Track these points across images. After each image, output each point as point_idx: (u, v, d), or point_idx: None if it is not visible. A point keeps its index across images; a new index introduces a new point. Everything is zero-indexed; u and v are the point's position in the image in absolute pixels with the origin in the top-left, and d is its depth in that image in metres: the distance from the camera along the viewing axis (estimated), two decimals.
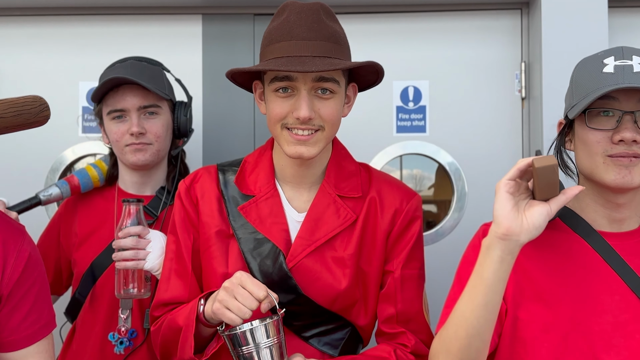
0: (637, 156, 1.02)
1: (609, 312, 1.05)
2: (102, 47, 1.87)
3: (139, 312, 1.44)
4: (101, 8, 1.89)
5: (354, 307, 1.23)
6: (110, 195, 1.54)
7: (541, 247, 1.09)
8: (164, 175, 1.55)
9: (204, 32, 1.91)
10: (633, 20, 1.83)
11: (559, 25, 1.74)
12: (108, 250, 1.47)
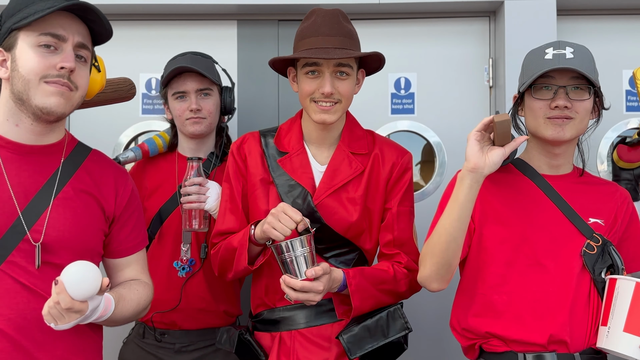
0: (568, 117, 1.28)
1: (547, 229, 1.30)
2: (158, 46, 2.04)
3: (197, 245, 1.67)
4: (156, 15, 2.07)
5: (362, 235, 1.48)
6: (171, 158, 1.77)
7: (500, 184, 1.35)
8: (213, 143, 1.77)
9: (239, 34, 2.08)
10: (576, 24, 2.02)
11: (518, 29, 1.92)
12: (171, 199, 1.69)
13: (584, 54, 1.31)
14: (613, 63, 2.02)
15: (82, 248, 1.16)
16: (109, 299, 1.11)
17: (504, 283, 1.28)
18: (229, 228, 1.48)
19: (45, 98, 1.10)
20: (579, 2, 1.99)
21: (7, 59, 1.13)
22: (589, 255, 1.27)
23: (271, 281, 1.46)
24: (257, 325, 1.51)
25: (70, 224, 1.16)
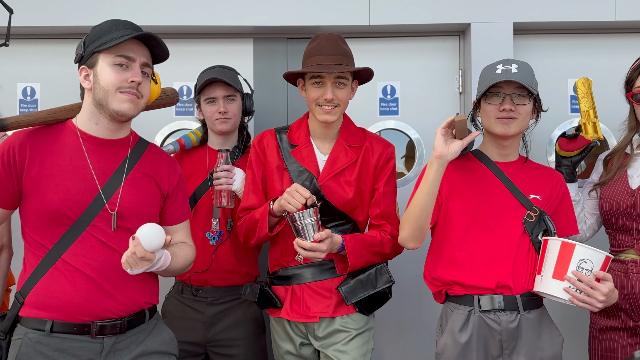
0: (512, 118, 1.53)
1: (497, 202, 1.55)
2: (189, 60, 2.23)
3: (224, 220, 1.92)
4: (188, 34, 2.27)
5: (356, 209, 1.72)
6: (202, 151, 1.98)
7: (461, 168, 1.60)
8: (236, 138, 1.98)
9: (254, 50, 2.31)
10: (529, 42, 2.25)
11: (482, 46, 2.16)
12: (203, 183, 1.91)
13: (526, 69, 1.57)
14: (560, 73, 2.28)
15: (145, 216, 1.41)
16: (167, 254, 1.37)
17: (463, 243, 1.54)
18: (251, 204, 1.74)
19: (120, 104, 1.36)
20: (532, 24, 2.23)
21: (89, 74, 1.38)
22: (528, 222, 1.53)
23: (285, 246, 1.71)
24: (273, 281, 1.76)
25: (137, 198, 1.41)
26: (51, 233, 1.34)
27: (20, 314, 1.35)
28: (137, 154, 1.46)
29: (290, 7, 2.23)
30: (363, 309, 1.69)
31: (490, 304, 1.50)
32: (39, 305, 1.33)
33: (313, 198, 1.58)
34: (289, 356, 1.73)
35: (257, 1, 2.23)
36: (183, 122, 2.36)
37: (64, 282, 1.32)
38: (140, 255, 1.25)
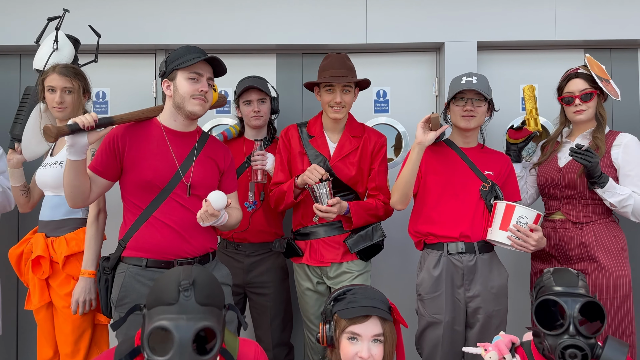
0: (472, 116, 1.89)
1: (461, 176, 1.90)
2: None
3: (258, 193, 2.27)
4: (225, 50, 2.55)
5: (357, 184, 2.07)
6: (240, 141, 2.29)
7: (436, 152, 1.96)
8: (265, 131, 2.30)
9: (277, 63, 2.64)
10: (490, 56, 2.60)
11: (453, 60, 2.49)
12: (242, 166, 2.21)
13: (483, 80, 1.94)
14: (512, 80, 2.62)
15: (210, 186, 1.78)
16: (226, 214, 1.74)
17: (436, 205, 1.92)
18: (280, 180, 2.10)
19: (193, 107, 1.72)
20: (492, 42, 2.58)
21: (170, 85, 1.74)
22: (483, 191, 1.91)
23: (305, 210, 2.07)
24: (296, 237, 2.13)
25: (203, 174, 1.78)
26: (145, 198, 1.71)
27: (123, 255, 1.71)
28: (202, 142, 1.82)
29: (305, 29, 2.58)
30: (363, 257, 2.06)
31: (455, 248, 1.87)
32: (137, 248, 1.70)
33: (326, 174, 1.94)
34: (309, 292, 2.11)
35: (278, 25, 2.58)
36: (221, 118, 2.70)
37: (154, 232, 1.69)
38: (210, 213, 1.62)
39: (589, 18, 2.58)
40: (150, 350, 1.08)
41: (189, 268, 1.20)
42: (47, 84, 1.98)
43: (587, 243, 1.88)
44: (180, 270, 1.19)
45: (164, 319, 1.10)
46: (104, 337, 2.01)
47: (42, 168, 2.03)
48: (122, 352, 1.18)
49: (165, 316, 1.10)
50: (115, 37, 2.56)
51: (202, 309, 1.14)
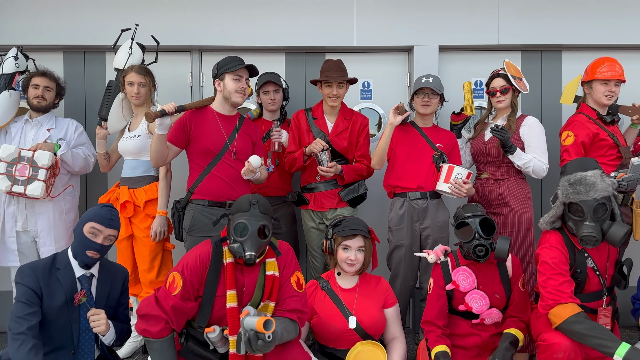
0: (428, 105, 2.78)
1: (420, 146, 2.78)
2: None
3: (274, 159, 3.12)
4: (245, 50, 3.42)
5: (348, 152, 2.94)
6: (260, 121, 3.10)
7: (402, 130, 2.84)
8: (279, 114, 3.18)
9: (286, 60, 3.47)
10: (447, 56, 3.45)
11: (420, 59, 3.33)
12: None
13: (437, 80, 2.81)
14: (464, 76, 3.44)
15: (247, 153, 2.64)
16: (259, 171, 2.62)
17: (402, 167, 2.81)
18: (292, 150, 2.96)
19: (237, 99, 2.57)
20: (449, 46, 3.44)
21: (220, 84, 2.59)
22: (435, 157, 2.79)
23: (310, 171, 2.94)
24: (303, 190, 3.01)
25: (242, 144, 2.64)
26: (205, 160, 2.57)
27: (191, 198, 2.59)
28: (240, 122, 2.69)
29: (307, 34, 3.42)
30: (351, 204, 2.96)
31: (414, 196, 2.78)
32: (201, 194, 2.57)
33: (326, 145, 2.82)
34: (312, 229, 3.00)
35: (287, 31, 3.41)
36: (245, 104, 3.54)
37: (212, 183, 2.57)
38: (250, 170, 2.50)
39: (524, 27, 3.45)
40: (235, 236, 1.98)
41: (256, 195, 2.08)
42: (127, 80, 2.82)
43: (503, 193, 2.79)
44: (250, 195, 2.07)
45: (242, 218, 1.99)
46: (169, 259, 2.90)
47: (123, 140, 2.88)
48: (215, 240, 2.07)
49: (243, 218, 1.99)
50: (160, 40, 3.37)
51: (262, 215, 2.03)
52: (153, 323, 1.91)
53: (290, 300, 2.05)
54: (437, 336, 2.23)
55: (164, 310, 1.93)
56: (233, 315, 1.92)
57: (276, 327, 1.84)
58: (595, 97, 2.81)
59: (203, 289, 2.00)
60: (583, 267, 2.12)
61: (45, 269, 2.01)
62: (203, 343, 2.02)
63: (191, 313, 2.00)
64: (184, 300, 1.96)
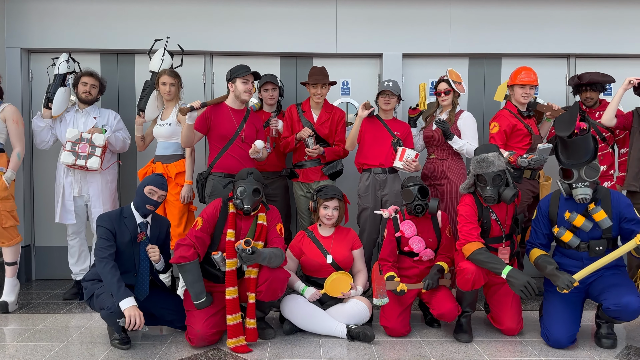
0: (389, 103, 3.73)
1: (382, 134, 3.74)
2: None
3: (271, 142, 4.06)
4: (245, 54, 4.41)
5: (329, 138, 3.87)
6: (261, 113, 4.09)
7: (369, 121, 3.78)
8: (276, 107, 4.13)
9: (280, 63, 4.41)
10: (409, 61, 4.43)
11: (388, 64, 4.30)
12: None
13: (396, 84, 3.75)
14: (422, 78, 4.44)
15: (253, 138, 3.56)
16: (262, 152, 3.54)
17: (369, 149, 3.76)
18: (286, 136, 3.90)
19: (245, 96, 3.49)
20: (410, 53, 4.39)
21: (232, 86, 3.50)
22: (393, 142, 3.75)
23: (300, 152, 3.88)
24: (294, 167, 3.96)
25: (249, 131, 3.56)
26: (221, 143, 3.50)
27: (212, 171, 3.51)
28: (247, 114, 3.60)
29: (297, 42, 4.34)
30: (331, 177, 3.91)
31: (377, 171, 3.73)
32: (219, 168, 3.50)
33: (312, 132, 3.76)
34: (301, 197, 3.94)
35: (281, 39, 4.33)
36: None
37: (226, 160, 3.49)
38: (255, 150, 3.42)
39: (471, 38, 4.39)
40: (237, 195, 2.92)
41: (252, 168, 3.02)
42: (161, 81, 3.72)
43: (445, 169, 3.75)
44: (248, 168, 3.01)
45: (242, 183, 2.95)
46: (192, 217, 3.83)
47: (157, 127, 3.79)
48: (224, 197, 3.00)
49: (243, 183, 2.95)
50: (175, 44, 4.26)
51: (255, 182, 2.98)
52: (185, 250, 2.84)
53: (275, 239, 3.01)
54: (389, 267, 3.19)
55: (191, 240, 2.86)
56: (230, 246, 2.86)
57: (265, 251, 2.78)
58: (516, 97, 3.77)
59: (214, 229, 2.94)
60: (488, 219, 3.08)
61: (116, 217, 2.93)
62: (212, 265, 2.96)
63: (207, 242, 2.93)
64: (202, 232, 2.89)
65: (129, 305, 2.68)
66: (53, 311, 3.60)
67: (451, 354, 2.79)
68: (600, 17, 4.43)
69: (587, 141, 2.74)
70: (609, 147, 3.92)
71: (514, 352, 2.81)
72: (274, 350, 2.85)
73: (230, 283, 2.83)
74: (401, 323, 3.04)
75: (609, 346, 2.87)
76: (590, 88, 3.88)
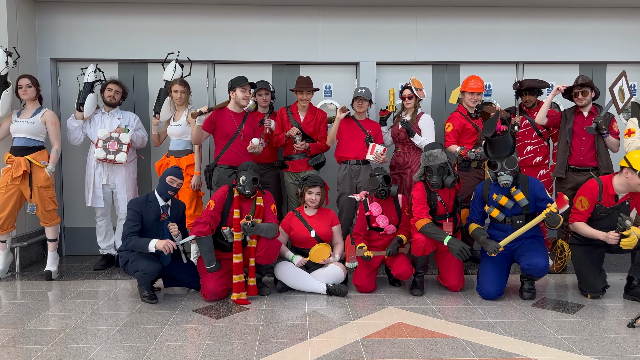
0: (362, 106, 4.55)
1: (357, 132, 4.59)
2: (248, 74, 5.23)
3: (265, 139, 4.88)
4: (242, 63, 5.22)
5: (313, 135, 4.72)
6: (256, 114, 4.92)
7: (346, 121, 4.62)
8: (269, 109, 4.94)
9: (273, 71, 5.22)
10: (383, 68, 5.29)
11: (363, 71, 5.12)
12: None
13: (368, 91, 4.58)
14: (391, 84, 5.28)
15: (251, 135, 4.37)
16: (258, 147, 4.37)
17: (346, 145, 4.59)
18: (277, 133, 4.73)
19: (243, 102, 4.29)
20: (383, 62, 5.21)
21: (233, 93, 4.30)
22: (366, 139, 4.57)
23: (289, 147, 4.72)
24: (285, 159, 4.79)
25: (248, 130, 4.37)
26: (225, 140, 4.31)
27: (217, 163, 4.33)
28: (245, 116, 4.41)
29: (286, 52, 5.15)
30: (315, 168, 4.74)
31: (353, 162, 4.57)
32: (223, 161, 4.32)
33: (299, 131, 4.58)
34: (291, 184, 4.77)
35: (272, 49, 5.15)
36: None
37: (230, 155, 4.31)
38: (253, 146, 4.24)
39: (434, 49, 5.22)
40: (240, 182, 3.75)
41: (250, 161, 3.84)
42: (173, 89, 4.52)
43: (408, 161, 4.59)
44: (248, 162, 3.83)
45: (243, 174, 3.78)
46: (201, 202, 4.66)
47: (170, 127, 4.60)
48: (230, 185, 3.83)
49: (244, 174, 3.79)
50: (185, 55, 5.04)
51: (254, 172, 3.81)
52: (202, 226, 3.66)
53: (270, 217, 3.86)
54: (360, 239, 4.04)
55: (207, 218, 3.69)
56: (236, 222, 3.70)
57: (262, 225, 3.64)
58: (466, 101, 4.60)
59: (222, 209, 3.77)
60: (434, 201, 3.93)
61: (143, 201, 3.75)
62: (221, 238, 3.80)
63: (219, 220, 3.76)
64: (215, 212, 3.73)
65: (156, 241, 3.52)
66: (87, 279, 4.43)
67: (405, 304, 3.66)
68: (542, 30, 5.26)
69: (506, 139, 3.58)
70: (545, 141, 4.77)
71: (454, 302, 3.68)
72: (270, 302, 3.70)
73: (237, 250, 3.68)
74: (369, 282, 3.90)
75: (528, 298, 3.74)
76: (529, 92, 4.71)
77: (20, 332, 3.15)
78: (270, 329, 3.15)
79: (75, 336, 3.07)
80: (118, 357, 2.76)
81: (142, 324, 3.28)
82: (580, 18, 5.25)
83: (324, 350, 2.82)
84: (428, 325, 3.21)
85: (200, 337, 3.03)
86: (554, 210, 3.45)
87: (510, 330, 3.12)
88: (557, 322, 3.27)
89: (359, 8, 5.14)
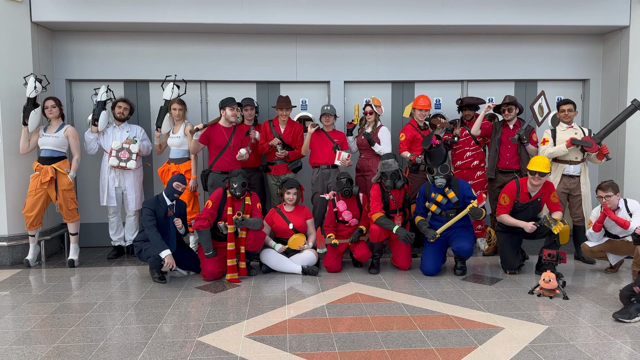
0: (329, 120, 5.52)
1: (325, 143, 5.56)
2: (230, 94, 6.14)
3: (251, 147, 5.82)
4: (227, 82, 6.13)
5: (292, 144, 5.69)
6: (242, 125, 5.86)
7: (317, 134, 5.59)
8: (254, 121, 5.86)
9: (257, 88, 6.16)
10: (350, 86, 6.26)
11: (334, 88, 6.06)
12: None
13: (333, 107, 5.55)
14: (358, 99, 6.25)
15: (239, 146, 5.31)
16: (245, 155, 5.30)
17: (318, 152, 5.55)
18: (262, 143, 5.67)
19: (232, 119, 5.23)
20: (350, 80, 6.18)
21: (223, 111, 5.23)
22: (333, 147, 5.54)
23: (272, 154, 5.66)
24: (268, 164, 5.73)
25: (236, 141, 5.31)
26: (217, 150, 5.25)
27: (212, 169, 5.26)
28: (234, 130, 5.35)
29: (268, 72, 6.09)
30: (294, 171, 5.70)
31: (324, 167, 5.53)
32: (217, 167, 5.26)
33: (280, 141, 5.53)
34: (273, 185, 5.73)
35: (257, 70, 6.08)
36: None
37: (221, 162, 5.25)
38: (241, 155, 5.19)
39: (392, 69, 6.21)
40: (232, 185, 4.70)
41: (240, 169, 4.79)
42: (172, 107, 5.44)
43: (370, 165, 5.58)
44: (238, 169, 4.78)
45: (234, 180, 4.72)
46: (197, 201, 5.60)
47: (170, 138, 5.52)
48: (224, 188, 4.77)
49: (235, 179, 4.74)
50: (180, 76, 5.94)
51: (243, 178, 4.77)
52: (202, 221, 4.60)
53: (256, 213, 4.82)
54: (329, 230, 5.02)
55: (206, 214, 4.64)
56: (229, 217, 4.66)
57: (250, 219, 4.60)
58: (416, 116, 5.61)
59: (218, 207, 4.71)
60: (387, 199, 4.92)
61: (155, 201, 4.68)
62: (217, 230, 4.75)
63: (215, 216, 4.71)
64: (212, 210, 4.67)
65: (167, 254, 4.45)
66: (103, 266, 5.33)
67: (364, 280, 4.66)
68: (483, 54, 6.29)
69: (440, 151, 4.59)
70: (481, 148, 5.79)
71: (402, 278, 4.69)
72: (256, 281, 4.67)
73: (230, 240, 4.64)
74: (336, 264, 4.90)
75: (459, 274, 4.78)
76: (467, 108, 5.73)
77: (62, 305, 4.07)
78: (258, 300, 4.11)
79: (105, 307, 4.00)
80: (144, 319, 3.70)
81: (157, 297, 4.22)
82: (514, 43, 6.29)
83: (299, 312, 3.79)
84: (378, 294, 4.21)
85: (204, 306, 3.98)
86: (475, 205, 4.48)
87: (439, 297, 4.14)
88: (476, 291, 4.30)
89: (330, 36, 6.09)
